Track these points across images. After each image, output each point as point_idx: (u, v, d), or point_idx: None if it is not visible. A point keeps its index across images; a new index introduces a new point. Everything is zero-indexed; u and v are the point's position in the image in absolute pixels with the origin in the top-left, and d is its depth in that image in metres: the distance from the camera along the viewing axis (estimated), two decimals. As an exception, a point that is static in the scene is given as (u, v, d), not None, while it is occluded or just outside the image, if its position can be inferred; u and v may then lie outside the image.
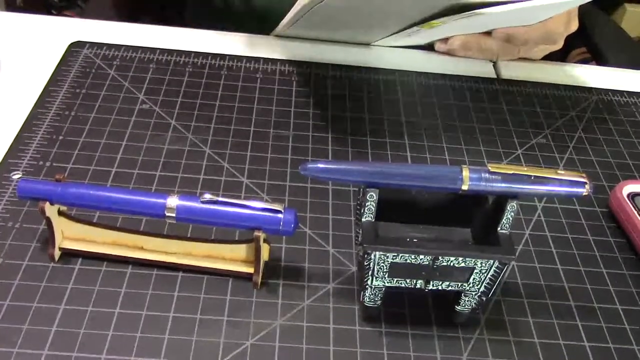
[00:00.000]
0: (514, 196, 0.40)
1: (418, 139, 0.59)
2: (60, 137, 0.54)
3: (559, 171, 0.40)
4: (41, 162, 0.51)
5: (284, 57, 0.67)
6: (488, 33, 0.68)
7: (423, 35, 0.68)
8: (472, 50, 0.69)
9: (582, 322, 0.45)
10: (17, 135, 0.53)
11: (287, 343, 0.42)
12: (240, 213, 0.42)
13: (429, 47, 0.72)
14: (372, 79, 0.66)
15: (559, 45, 0.71)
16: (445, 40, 0.70)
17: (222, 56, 0.66)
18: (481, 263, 0.40)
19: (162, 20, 0.72)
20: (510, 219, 0.41)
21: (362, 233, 0.41)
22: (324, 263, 0.47)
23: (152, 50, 0.65)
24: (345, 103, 0.62)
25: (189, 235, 0.47)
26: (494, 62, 0.71)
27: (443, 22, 0.60)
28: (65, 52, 0.63)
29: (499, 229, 0.41)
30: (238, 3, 0.79)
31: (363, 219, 0.41)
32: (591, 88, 0.69)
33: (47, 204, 0.42)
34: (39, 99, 0.57)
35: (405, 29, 0.64)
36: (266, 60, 0.66)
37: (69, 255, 0.45)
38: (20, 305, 0.42)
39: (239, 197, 0.48)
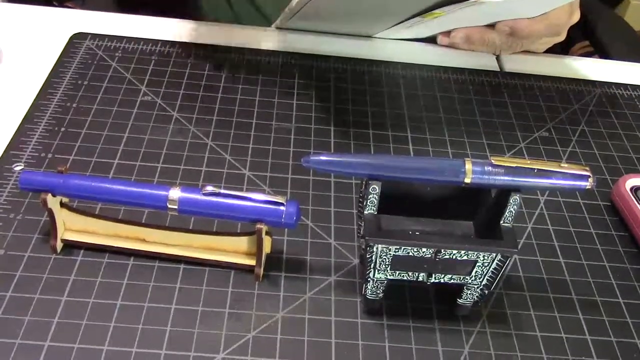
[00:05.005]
0: (517, 189, 0.40)
1: (420, 131, 0.59)
2: (62, 129, 0.54)
3: (562, 164, 0.40)
4: (43, 154, 0.51)
5: (286, 49, 0.67)
6: (491, 26, 0.67)
7: (425, 27, 0.67)
8: (475, 44, 0.69)
9: (584, 316, 0.45)
10: (19, 126, 0.53)
11: (289, 335, 0.42)
12: (242, 205, 0.42)
13: (432, 40, 0.71)
14: (374, 71, 0.66)
15: (562, 37, 0.70)
16: (447, 33, 0.70)
17: (224, 48, 0.65)
18: (483, 256, 0.40)
19: (164, 12, 0.72)
20: (513, 212, 0.41)
21: (364, 226, 0.40)
22: (325, 256, 0.47)
23: (154, 42, 0.65)
24: (348, 95, 0.62)
25: (190, 228, 0.47)
26: (497, 55, 0.71)
27: (445, 12, 0.60)
28: (67, 43, 0.63)
29: (501, 222, 0.41)
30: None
31: (365, 212, 0.41)
32: (594, 81, 0.69)
33: (49, 195, 0.42)
34: (40, 90, 0.57)
35: (407, 19, 0.64)
36: (268, 52, 0.66)
37: (70, 246, 0.45)
38: (23, 297, 0.42)
39: (241, 190, 0.48)
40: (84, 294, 0.42)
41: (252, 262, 0.44)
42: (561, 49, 0.79)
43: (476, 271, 0.41)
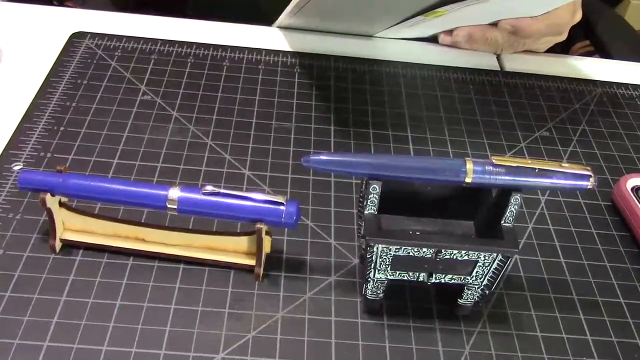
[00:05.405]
0: (518, 189, 0.40)
1: (421, 131, 0.59)
2: (62, 128, 0.54)
3: (563, 164, 0.40)
4: (42, 153, 0.51)
5: (286, 49, 0.67)
6: (493, 25, 0.67)
7: (427, 27, 0.67)
8: (477, 43, 0.69)
9: (585, 316, 0.45)
10: (18, 126, 0.53)
11: (289, 335, 0.42)
12: (242, 205, 0.42)
13: (433, 39, 0.71)
14: (375, 71, 0.66)
15: (564, 36, 0.70)
16: (449, 32, 0.69)
17: (224, 47, 0.65)
18: (484, 256, 0.40)
19: (163, 11, 0.71)
20: (514, 212, 0.40)
21: (364, 225, 0.40)
22: (325, 255, 0.47)
23: (154, 41, 0.65)
24: (348, 95, 0.62)
25: (190, 227, 0.46)
26: (497, 55, 0.71)
27: (447, 10, 0.60)
28: (67, 42, 0.63)
29: (502, 222, 0.41)
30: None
31: (365, 212, 0.41)
32: (595, 81, 0.69)
33: (48, 195, 0.42)
34: (40, 89, 0.57)
35: (408, 18, 0.64)
36: (268, 52, 0.66)
37: (70, 246, 0.45)
38: (21, 297, 0.41)
39: (240, 189, 0.48)
40: (83, 294, 0.42)
41: (252, 262, 0.44)
42: (562, 48, 0.79)
43: (477, 271, 0.41)
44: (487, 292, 0.42)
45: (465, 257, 0.40)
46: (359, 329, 0.43)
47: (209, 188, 0.42)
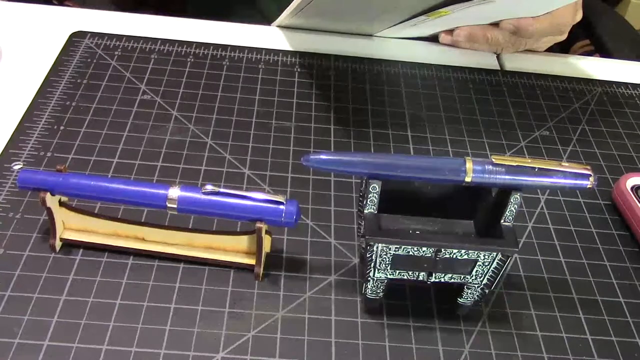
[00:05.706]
0: (518, 188, 0.40)
1: (421, 130, 0.59)
2: (62, 128, 0.54)
3: (563, 163, 0.40)
4: (42, 153, 0.51)
5: (286, 48, 0.67)
6: (495, 24, 0.67)
7: (428, 26, 0.67)
8: (478, 42, 0.69)
9: (584, 315, 0.45)
10: (18, 125, 0.53)
11: (289, 335, 0.42)
12: (242, 204, 0.42)
13: (433, 39, 0.71)
14: (375, 70, 0.66)
15: (564, 36, 0.70)
16: (450, 31, 0.69)
17: (224, 47, 0.65)
18: (484, 255, 0.40)
19: (163, 10, 0.71)
20: (514, 211, 0.40)
21: (364, 225, 0.40)
22: (325, 255, 0.47)
23: (154, 40, 0.65)
24: (348, 94, 0.62)
25: (190, 227, 0.46)
26: (497, 54, 0.71)
27: (450, 11, 0.60)
28: (67, 42, 0.63)
29: (502, 221, 0.41)
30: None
31: (365, 211, 0.41)
32: (595, 80, 0.69)
33: (48, 194, 0.42)
34: (40, 89, 0.57)
35: (410, 18, 0.64)
36: (268, 51, 0.66)
37: (70, 246, 0.45)
38: (22, 296, 0.41)
39: (240, 189, 0.48)
40: (83, 293, 0.42)
41: (252, 261, 0.44)
42: (562, 47, 0.79)
43: (477, 270, 0.41)
44: (487, 291, 0.42)
45: (465, 257, 0.40)
46: (359, 329, 0.43)
47: (209, 187, 0.42)
